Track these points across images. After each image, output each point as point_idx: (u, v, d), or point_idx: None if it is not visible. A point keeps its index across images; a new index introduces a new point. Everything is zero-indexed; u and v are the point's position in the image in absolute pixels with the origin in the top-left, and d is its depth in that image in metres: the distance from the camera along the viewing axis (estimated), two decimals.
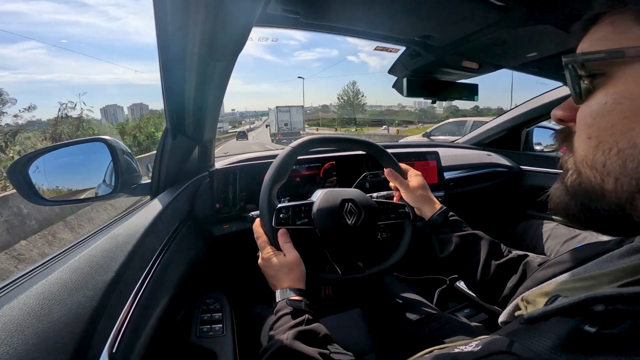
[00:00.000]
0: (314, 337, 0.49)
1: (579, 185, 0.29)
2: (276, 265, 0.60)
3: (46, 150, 0.67)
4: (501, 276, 0.58)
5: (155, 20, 0.47)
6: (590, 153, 0.28)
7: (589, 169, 0.28)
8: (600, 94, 0.27)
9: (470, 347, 0.29)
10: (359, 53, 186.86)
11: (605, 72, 0.27)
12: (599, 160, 0.27)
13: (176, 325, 0.68)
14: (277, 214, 0.65)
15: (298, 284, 0.59)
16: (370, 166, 1.07)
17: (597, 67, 0.27)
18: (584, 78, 0.28)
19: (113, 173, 0.72)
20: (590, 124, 0.28)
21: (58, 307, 0.33)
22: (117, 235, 0.51)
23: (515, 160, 1.49)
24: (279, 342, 0.48)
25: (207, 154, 0.93)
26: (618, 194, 0.26)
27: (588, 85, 0.28)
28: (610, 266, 0.32)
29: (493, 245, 0.63)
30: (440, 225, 0.67)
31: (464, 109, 43.34)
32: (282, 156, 0.68)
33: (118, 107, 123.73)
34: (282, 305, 0.55)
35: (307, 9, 0.56)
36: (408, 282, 1.28)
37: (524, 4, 0.56)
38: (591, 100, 0.28)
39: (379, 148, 0.79)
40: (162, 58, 0.56)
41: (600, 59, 0.27)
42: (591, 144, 0.28)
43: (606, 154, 0.26)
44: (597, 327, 0.21)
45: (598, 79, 0.27)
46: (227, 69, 0.60)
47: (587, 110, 0.28)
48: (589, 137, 0.28)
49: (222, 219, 0.91)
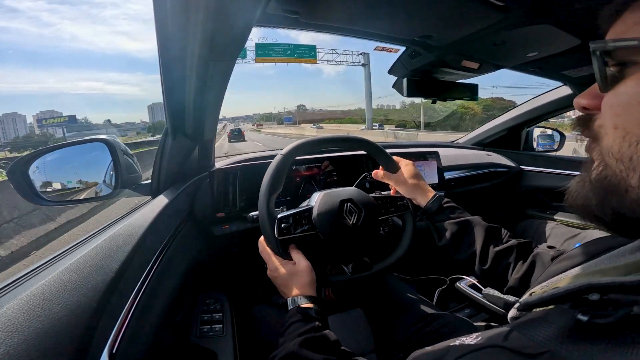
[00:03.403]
0: (322, 343, 0.49)
1: (604, 178, 0.28)
2: (285, 275, 0.61)
3: (46, 150, 0.67)
4: (500, 263, 0.57)
5: (155, 20, 0.47)
6: (616, 144, 0.26)
7: (614, 161, 0.27)
8: (631, 83, 0.26)
9: (469, 340, 0.29)
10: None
11: (637, 60, 0.25)
12: (625, 152, 0.26)
13: (176, 325, 0.68)
14: (279, 225, 0.65)
15: (308, 290, 0.59)
16: (370, 166, 1.06)
17: (629, 55, 0.26)
18: (613, 66, 0.27)
19: (113, 173, 0.72)
20: (619, 113, 0.27)
21: (58, 307, 0.33)
22: (117, 235, 0.51)
23: (516, 160, 1.49)
24: (286, 349, 0.48)
25: (207, 154, 0.93)
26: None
27: (616, 73, 0.27)
28: (622, 260, 0.31)
29: (491, 231, 0.62)
30: (435, 212, 0.67)
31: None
32: (274, 165, 0.67)
33: (18, 115, 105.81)
34: (292, 312, 0.55)
35: (306, 9, 0.56)
36: (408, 282, 1.28)
37: (524, 4, 0.56)
38: (620, 89, 0.27)
39: (372, 145, 0.78)
40: (162, 58, 0.56)
41: (634, 47, 0.25)
42: (617, 134, 0.26)
43: (633, 147, 0.25)
44: (590, 316, 0.21)
45: (629, 68, 0.26)
46: (227, 69, 0.60)
47: (615, 100, 0.27)
48: (615, 127, 0.27)
49: (222, 219, 0.91)
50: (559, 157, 1.44)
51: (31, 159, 0.65)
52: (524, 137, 1.59)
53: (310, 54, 30.35)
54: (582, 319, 0.21)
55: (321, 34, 0.70)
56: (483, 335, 0.28)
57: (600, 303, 0.22)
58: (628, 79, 0.26)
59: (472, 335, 0.29)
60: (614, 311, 0.20)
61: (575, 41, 0.67)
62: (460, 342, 0.29)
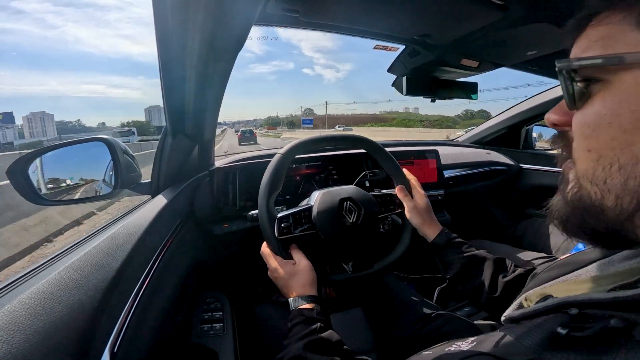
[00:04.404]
0: (326, 345, 0.50)
1: (579, 200, 0.28)
2: (285, 275, 0.61)
3: (46, 150, 0.67)
4: (510, 292, 0.58)
5: (155, 20, 0.47)
6: (590, 168, 0.26)
7: (589, 184, 0.27)
8: (597, 102, 0.26)
9: (465, 345, 0.29)
10: (314, 66, 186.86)
11: (602, 78, 0.25)
12: (599, 176, 0.26)
13: (177, 325, 0.68)
14: (279, 224, 0.65)
15: (309, 290, 0.59)
16: (370, 165, 1.07)
17: (593, 73, 0.25)
18: (578, 83, 0.27)
19: (113, 172, 0.72)
20: (588, 135, 0.26)
21: (59, 307, 0.33)
22: (117, 234, 0.51)
23: (515, 159, 1.49)
24: (289, 352, 0.49)
25: (207, 153, 0.93)
26: (617, 212, 0.25)
27: (583, 89, 0.26)
28: (611, 269, 0.32)
29: (498, 263, 0.63)
30: (443, 246, 0.68)
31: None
32: (273, 165, 0.67)
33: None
34: (294, 314, 0.55)
35: (306, 7, 0.56)
36: (408, 281, 1.28)
37: (523, 3, 0.56)
38: (587, 109, 0.26)
39: (373, 145, 0.78)
40: (162, 58, 0.56)
41: (598, 65, 0.25)
42: (591, 157, 0.26)
43: (607, 170, 0.25)
44: (568, 330, 0.22)
45: (594, 85, 0.26)
46: (227, 69, 0.60)
47: (583, 120, 0.27)
48: (588, 150, 0.26)
49: (222, 218, 0.91)
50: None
51: (31, 158, 0.65)
52: (523, 135, 1.59)
53: None
54: (561, 332, 0.22)
55: (322, 35, 0.70)
56: (478, 340, 0.29)
57: (580, 316, 0.22)
58: (595, 97, 0.26)
59: (469, 340, 0.30)
60: (593, 324, 0.21)
61: (569, 43, 0.67)
62: (456, 346, 0.30)
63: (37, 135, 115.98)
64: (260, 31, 0.64)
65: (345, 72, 20.60)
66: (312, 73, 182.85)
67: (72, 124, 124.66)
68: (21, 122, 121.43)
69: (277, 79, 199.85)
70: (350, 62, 35.77)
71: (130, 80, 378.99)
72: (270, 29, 0.64)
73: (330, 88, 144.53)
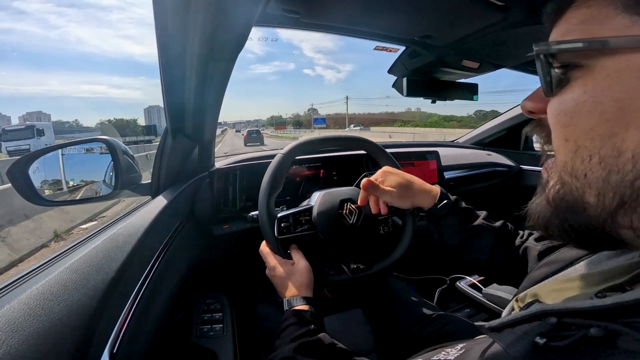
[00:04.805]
0: (317, 348, 0.49)
1: (561, 198, 0.27)
2: (282, 274, 0.61)
3: (46, 150, 0.67)
4: (509, 260, 0.57)
5: (155, 20, 0.47)
6: (569, 160, 0.25)
7: (570, 178, 0.25)
8: (577, 88, 0.24)
9: (452, 353, 0.28)
10: (315, 66, 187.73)
11: (582, 64, 0.23)
12: (579, 168, 0.24)
13: (177, 325, 0.68)
14: (279, 224, 0.65)
15: (305, 291, 0.59)
16: (370, 165, 1.06)
17: (573, 58, 0.24)
18: (557, 69, 0.25)
19: (113, 173, 0.72)
20: (566, 123, 0.25)
21: (59, 307, 0.33)
22: (117, 235, 0.51)
23: (516, 160, 1.49)
24: (280, 353, 0.48)
25: (207, 153, 0.93)
26: (600, 210, 0.24)
27: (561, 75, 0.25)
28: (598, 267, 0.31)
29: (500, 231, 0.60)
30: (442, 217, 0.60)
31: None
32: (274, 165, 0.67)
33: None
34: (287, 315, 0.55)
35: (306, 8, 0.56)
36: (408, 282, 1.28)
37: (523, 4, 0.56)
38: (565, 95, 0.25)
39: (373, 145, 0.78)
40: (162, 58, 0.56)
41: (578, 49, 0.23)
42: (569, 147, 0.25)
43: (586, 163, 0.23)
44: (547, 339, 0.21)
45: (573, 71, 0.24)
46: (227, 69, 0.60)
47: (560, 107, 0.25)
48: (566, 140, 0.25)
49: (222, 219, 0.91)
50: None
51: (31, 158, 0.65)
52: (524, 136, 1.59)
53: None
54: (539, 342, 0.21)
55: (322, 36, 0.70)
56: (466, 348, 0.28)
57: (561, 325, 0.21)
58: (573, 83, 0.24)
59: (457, 347, 0.29)
60: (573, 333, 0.20)
61: (548, 26, 0.67)
62: (444, 354, 0.29)
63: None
64: (261, 32, 0.64)
65: (345, 72, 20.37)
66: (313, 73, 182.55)
67: (69, 124, 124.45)
68: (16, 122, 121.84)
69: (278, 79, 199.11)
70: (350, 62, 35.68)
71: (132, 80, 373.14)
72: (270, 29, 0.64)
73: (330, 88, 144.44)
